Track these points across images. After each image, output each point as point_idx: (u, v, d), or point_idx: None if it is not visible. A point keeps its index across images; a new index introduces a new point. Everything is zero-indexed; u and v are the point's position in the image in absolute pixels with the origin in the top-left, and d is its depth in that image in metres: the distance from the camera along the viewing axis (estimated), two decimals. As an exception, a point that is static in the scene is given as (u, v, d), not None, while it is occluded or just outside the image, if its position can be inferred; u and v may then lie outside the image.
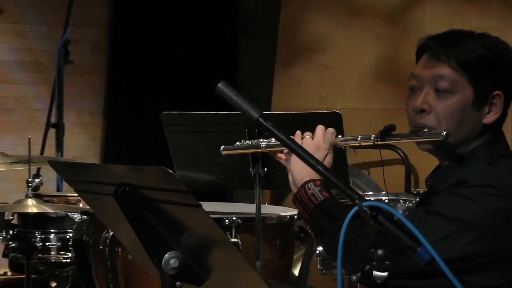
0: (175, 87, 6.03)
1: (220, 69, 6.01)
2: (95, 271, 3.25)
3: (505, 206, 2.02)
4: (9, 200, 4.21)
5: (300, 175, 2.20)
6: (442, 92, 2.09)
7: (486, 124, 2.12)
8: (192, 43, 6.18)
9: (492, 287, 1.99)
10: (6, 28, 5.82)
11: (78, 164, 2.59)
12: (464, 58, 2.08)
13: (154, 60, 6.11)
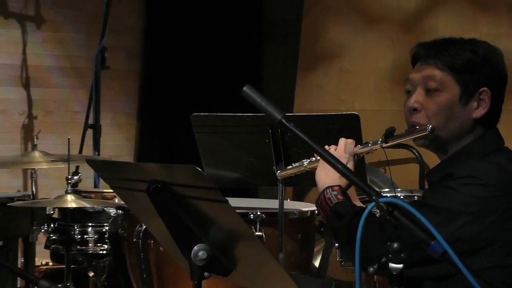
0: (203, 90, 6.04)
1: (246, 74, 6.01)
2: (129, 262, 3.26)
3: (486, 194, 2.04)
4: (51, 195, 4.24)
5: (322, 181, 2.29)
6: (432, 91, 2.15)
7: (476, 118, 2.16)
8: (220, 49, 6.19)
9: (481, 270, 1.98)
10: (48, 36, 5.85)
11: (113, 163, 2.60)
12: (449, 60, 2.15)
13: (184, 65, 6.12)
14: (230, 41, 6.21)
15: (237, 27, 6.24)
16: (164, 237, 2.00)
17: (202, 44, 6.14)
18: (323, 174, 2.29)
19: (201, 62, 6.13)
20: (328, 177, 2.27)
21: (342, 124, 2.91)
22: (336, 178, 2.26)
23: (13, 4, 5.70)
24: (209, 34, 6.14)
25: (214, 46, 6.16)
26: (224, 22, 6.19)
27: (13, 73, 5.75)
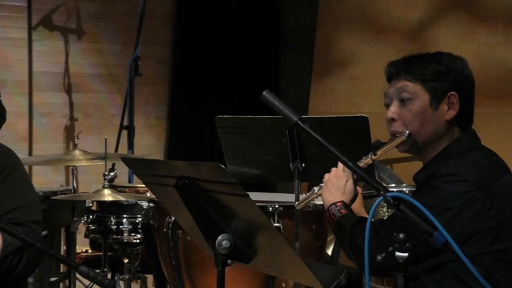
0: (227, 94, 6.05)
1: (265, 80, 6.00)
2: (160, 250, 3.26)
3: (465, 189, 2.05)
4: (90, 190, 4.25)
5: (326, 200, 2.33)
6: (405, 101, 2.19)
7: (448, 120, 2.19)
8: (241, 57, 6.19)
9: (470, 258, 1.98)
10: (87, 47, 5.88)
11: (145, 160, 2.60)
12: (418, 72, 2.19)
13: (209, 72, 6.13)
14: (251, 50, 6.22)
15: (256, 37, 6.25)
16: (191, 228, 2.00)
17: (225, 53, 6.15)
18: (328, 194, 2.34)
19: (224, 69, 6.15)
20: (331, 195, 2.32)
21: (352, 125, 2.90)
22: (338, 196, 2.31)
23: (57, 19, 5.74)
24: (231, 44, 6.16)
25: (236, 55, 6.17)
26: (245, 33, 6.20)
27: (56, 80, 5.78)
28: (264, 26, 6.31)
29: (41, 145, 5.68)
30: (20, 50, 5.61)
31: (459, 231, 2.01)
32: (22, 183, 2.38)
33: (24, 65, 5.64)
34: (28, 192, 2.40)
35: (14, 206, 2.30)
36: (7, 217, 2.23)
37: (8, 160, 2.38)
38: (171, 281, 3.25)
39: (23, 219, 2.29)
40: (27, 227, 2.28)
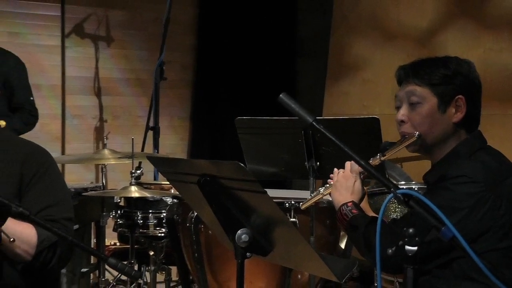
0: (246, 97, 6.04)
1: (282, 83, 5.99)
2: (183, 243, 3.26)
3: (475, 190, 2.02)
4: (118, 187, 4.26)
5: (336, 200, 2.31)
6: (414, 104, 2.17)
7: (456, 122, 2.16)
8: (259, 62, 6.19)
9: (480, 254, 1.96)
10: (116, 53, 5.90)
11: (170, 159, 2.60)
12: (426, 77, 2.16)
13: (229, 76, 6.14)
14: (268, 55, 6.22)
15: (274, 43, 6.25)
16: (212, 222, 2.00)
17: (244, 58, 6.15)
18: (338, 194, 2.31)
19: (243, 73, 6.15)
20: (341, 196, 2.29)
21: (364, 126, 2.89)
22: (348, 195, 2.28)
23: (88, 27, 5.77)
24: (251, 49, 6.16)
25: (254, 59, 6.17)
26: (263, 40, 6.20)
27: (87, 84, 5.81)
28: (281, 33, 6.31)
29: (73, 145, 5.71)
30: (54, 57, 5.64)
31: (470, 230, 1.99)
32: (56, 181, 2.39)
33: (58, 70, 5.67)
34: (62, 191, 2.40)
35: (49, 204, 2.30)
36: (42, 214, 2.24)
37: (43, 160, 2.39)
38: (193, 273, 3.25)
39: (56, 216, 2.30)
40: (61, 223, 2.29)
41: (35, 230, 2.22)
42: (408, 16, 5.62)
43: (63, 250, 2.28)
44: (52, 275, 2.46)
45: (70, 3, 5.69)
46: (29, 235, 2.21)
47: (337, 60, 6.06)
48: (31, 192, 2.30)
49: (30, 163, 2.33)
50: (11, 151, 2.36)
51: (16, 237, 2.05)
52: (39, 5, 5.58)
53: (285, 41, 6.35)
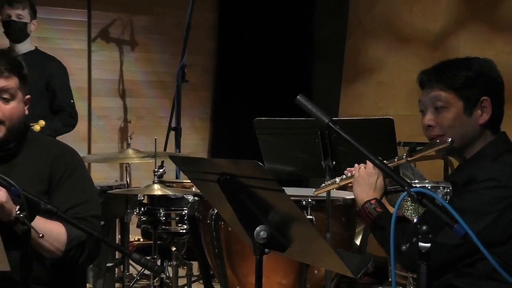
0: (264, 99, 6.04)
1: (299, 85, 5.99)
2: (204, 239, 3.26)
3: (505, 194, 1.98)
4: (141, 185, 4.27)
5: (359, 197, 2.25)
6: (440, 109, 2.11)
7: (482, 124, 2.11)
8: (277, 65, 6.19)
9: (507, 256, 1.93)
10: (140, 56, 5.93)
11: (191, 158, 2.60)
12: (449, 81, 2.10)
13: (248, 78, 6.14)
14: (286, 58, 6.22)
15: (292, 47, 6.25)
16: (232, 219, 1.99)
17: (263, 61, 6.15)
18: (360, 190, 2.26)
19: (262, 76, 6.15)
20: (363, 192, 2.24)
21: (379, 127, 2.87)
22: (371, 192, 2.24)
23: (113, 31, 5.80)
24: (269, 53, 6.16)
25: (273, 62, 6.17)
26: (281, 43, 6.20)
27: (112, 86, 5.84)
28: (298, 36, 6.31)
29: (99, 145, 5.74)
30: (81, 60, 5.67)
31: (499, 233, 1.96)
32: (83, 180, 2.39)
33: (84, 73, 5.71)
34: (89, 189, 2.41)
35: (76, 203, 2.31)
36: (70, 212, 2.25)
37: (71, 159, 2.40)
38: (214, 268, 3.25)
39: (84, 214, 2.30)
40: (88, 221, 2.29)
41: (64, 229, 2.23)
42: (421, 20, 5.59)
43: (91, 248, 2.29)
44: (79, 270, 2.47)
45: (96, 9, 5.72)
46: (59, 233, 2.22)
47: (352, 63, 6.04)
48: (60, 191, 2.31)
49: (59, 163, 2.34)
50: (41, 151, 2.37)
51: (47, 235, 2.06)
52: (67, 11, 5.62)
53: (302, 44, 6.34)
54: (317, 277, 3.12)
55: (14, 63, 2.31)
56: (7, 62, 2.28)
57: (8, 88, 2.27)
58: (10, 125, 2.28)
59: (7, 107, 2.28)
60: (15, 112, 2.30)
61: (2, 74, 2.26)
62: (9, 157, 2.33)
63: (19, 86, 2.32)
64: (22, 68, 2.34)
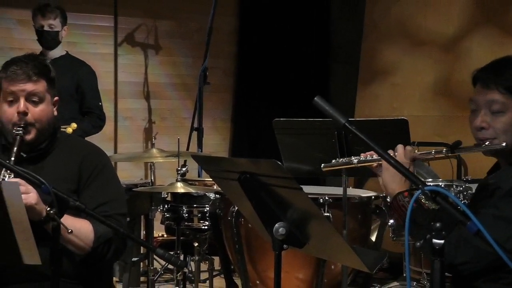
0: (283, 100, 6.03)
1: (316, 87, 5.98)
2: (225, 235, 3.27)
3: None
4: (165, 183, 4.28)
5: (390, 187, 2.09)
6: (496, 113, 2.00)
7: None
8: (295, 67, 6.18)
9: None
10: (164, 60, 5.95)
11: (212, 157, 2.61)
12: (507, 84, 1.98)
13: (268, 81, 6.13)
14: (304, 61, 6.20)
15: (309, 50, 6.23)
16: (251, 216, 1.99)
17: (281, 64, 6.14)
18: (390, 180, 2.09)
19: (281, 78, 6.14)
20: (395, 183, 2.07)
21: (394, 127, 2.86)
22: (402, 184, 2.07)
23: (138, 36, 5.83)
24: (287, 56, 6.15)
25: (291, 65, 6.16)
26: (299, 46, 6.19)
27: (137, 88, 5.87)
28: (315, 40, 6.29)
29: (124, 145, 5.77)
30: (107, 63, 5.71)
31: None
32: (111, 180, 2.41)
33: (111, 76, 5.74)
34: (116, 188, 2.42)
35: (104, 201, 2.32)
36: (98, 210, 2.26)
37: (99, 160, 2.41)
38: (234, 263, 3.25)
39: (111, 212, 2.31)
40: (115, 218, 2.30)
41: (92, 227, 2.24)
42: (435, 23, 5.55)
43: (117, 245, 2.30)
44: (106, 265, 2.49)
45: (122, 14, 5.75)
46: (87, 231, 2.24)
47: (368, 65, 6.02)
48: (88, 190, 2.33)
49: (87, 163, 2.36)
50: (71, 152, 2.39)
51: (75, 231, 2.08)
52: (94, 17, 5.65)
53: (320, 47, 6.32)
54: (334, 272, 3.11)
55: (42, 67, 2.33)
56: (35, 67, 2.30)
57: (37, 91, 2.29)
58: (40, 127, 2.30)
59: (37, 110, 2.30)
60: (45, 114, 2.32)
61: (30, 78, 2.28)
62: (40, 157, 2.35)
63: (47, 89, 2.33)
64: (50, 71, 2.36)
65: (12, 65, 2.29)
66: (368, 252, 2.93)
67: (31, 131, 2.29)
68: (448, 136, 4.80)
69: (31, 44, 4.61)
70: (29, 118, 2.28)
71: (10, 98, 2.29)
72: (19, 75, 2.27)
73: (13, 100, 2.28)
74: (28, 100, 2.29)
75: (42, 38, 4.35)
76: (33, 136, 2.30)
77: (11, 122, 2.28)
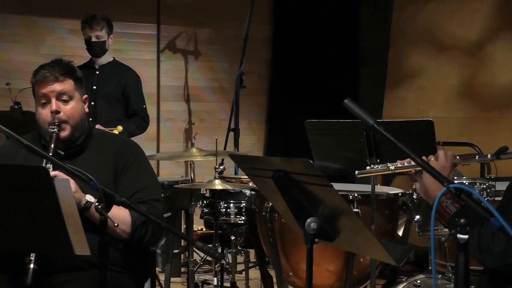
0: (314, 102, 6.01)
1: (346, 90, 5.94)
2: (259, 230, 3.26)
3: None
4: (204, 180, 4.28)
5: (431, 189, 2.01)
6: None
7: None
8: (326, 71, 6.15)
9: None
10: (202, 65, 5.98)
11: (248, 156, 2.61)
12: None
13: (300, 84, 6.12)
14: (334, 65, 6.17)
15: (339, 55, 6.20)
16: (285, 212, 1.99)
17: (313, 68, 6.12)
18: (431, 182, 2.00)
19: (312, 81, 6.12)
20: (436, 185, 1.97)
21: (420, 128, 2.82)
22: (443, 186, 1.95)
23: (179, 43, 5.87)
24: (318, 60, 6.13)
25: (322, 69, 6.14)
26: (330, 51, 6.16)
27: (178, 92, 5.90)
28: (345, 45, 6.26)
29: (166, 144, 5.81)
30: (151, 69, 5.75)
31: None
32: (144, 168, 2.43)
33: (154, 81, 5.79)
34: (150, 176, 2.44)
35: (139, 188, 2.34)
36: (134, 197, 2.29)
37: (132, 150, 2.44)
38: (269, 255, 3.25)
39: (146, 198, 2.33)
40: (150, 204, 2.32)
41: (128, 212, 2.26)
42: (459, 29, 5.47)
43: (154, 226, 2.31)
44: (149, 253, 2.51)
45: (164, 23, 5.80)
46: (125, 216, 2.27)
47: (395, 69, 5.96)
48: (124, 179, 2.36)
49: (122, 154, 2.39)
50: (106, 145, 2.43)
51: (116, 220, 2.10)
52: (139, 26, 5.71)
53: (349, 52, 6.28)
54: (363, 264, 3.09)
55: (67, 68, 2.37)
56: (61, 68, 2.35)
57: (65, 90, 2.34)
58: (73, 123, 2.35)
59: (68, 107, 2.34)
60: (76, 111, 2.35)
61: (57, 79, 2.33)
62: (78, 152, 2.39)
63: (75, 88, 2.37)
64: (75, 71, 2.40)
65: (40, 70, 2.35)
66: (395, 246, 2.90)
67: (65, 128, 2.33)
68: (472, 136, 4.73)
69: (81, 52, 4.68)
70: (61, 116, 2.32)
71: (43, 101, 2.34)
72: (47, 77, 2.32)
73: (46, 102, 2.33)
74: (58, 99, 2.33)
75: (90, 48, 4.42)
76: (67, 132, 2.34)
77: (46, 122, 2.33)
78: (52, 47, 5.35)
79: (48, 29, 5.41)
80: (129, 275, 2.35)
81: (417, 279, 3.03)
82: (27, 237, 1.83)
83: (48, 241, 1.83)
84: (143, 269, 2.46)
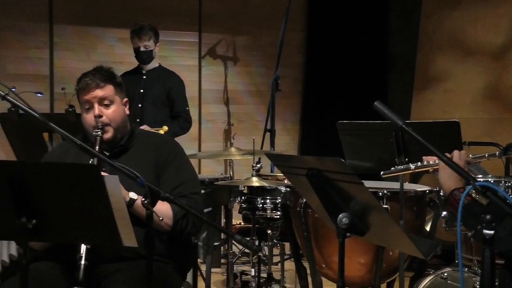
0: (346, 104, 5.98)
1: (376, 92, 5.88)
2: (294, 224, 3.26)
3: None
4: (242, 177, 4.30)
5: (446, 184, 2.05)
6: None
7: None
8: (358, 75, 6.13)
9: None
10: (241, 70, 6.00)
11: (283, 155, 2.61)
12: None
13: (333, 87, 6.09)
14: (365, 69, 6.14)
15: (370, 59, 6.17)
16: (318, 207, 1.98)
17: (344, 72, 6.10)
18: (446, 178, 2.04)
19: (344, 85, 6.09)
20: (451, 180, 2.02)
21: (446, 128, 2.78)
22: (458, 182, 2.02)
23: (219, 50, 5.90)
24: (350, 65, 6.10)
25: (353, 73, 6.11)
26: (361, 57, 6.13)
27: (218, 95, 5.93)
28: (375, 50, 6.22)
29: (207, 144, 5.85)
30: (193, 74, 5.80)
31: None
32: (184, 164, 2.44)
33: (195, 85, 5.83)
34: (189, 171, 2.44)
35: (179, 183, 2.35)
36: (175, 192, 2.30)
37: (172, 147, 2.46)
38: (303, 248, 3.24)
39: (186, 192, 2.34)
40: (190, 197, 2.33)
41: (168, 205, 2.27)
42: (484, 34, 5.37)
43: (194, 218, 2.32)
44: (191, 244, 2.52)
45: (205, 31, 5.83)
46: (167, 209, 2.28)
47: (422, 73, 5.88)
48: (165, 174, 2.37)
49: (162, 151, 2.41)
50: (147, 144, 2.45)
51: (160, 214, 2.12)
52: (181, 34, 5.76)
53: (379, 57, 6.24)
54: (392, 258, 3.05)
55: (107, 74, 2.39)
56: (101, 75, 2.37)
57: (106, 95, 2.36)
58: (115, 125, 2.37)
59: (109, 111, 2.36)
60: (117, 114, 2.38)
61: (99, 86, 2.35)
62: (122, 152, 2.41)
63: (115, 92, 2.39)
64: (115, 77, 2.42)
65: (83, 78, 2.37)
66: (423, 240, 2.86)
67: (108, 130, 2.36)
68: (497, 136, 4.63)
69: (129, 59, 4.74)
70: (104, 120, 2.35)
71: (86, 106, 2.37)
72: (89, 84, 2.34)
73: (89, 107, 2.36)
74: (101, 104, 2.35)
75: (138, 56, 4.48)
76: (110, 134, 2.36)
77: (91, 126, 2.36)
78: (102, 54, 5.44)
79: (99, 38, 5.50)
80: (173, 265, 2.37)
81: (444, 272, 2.98)
82: (81, 229, 1.86)
83: (99, 233, 1.86)
84: (186, 260, 2.47)
